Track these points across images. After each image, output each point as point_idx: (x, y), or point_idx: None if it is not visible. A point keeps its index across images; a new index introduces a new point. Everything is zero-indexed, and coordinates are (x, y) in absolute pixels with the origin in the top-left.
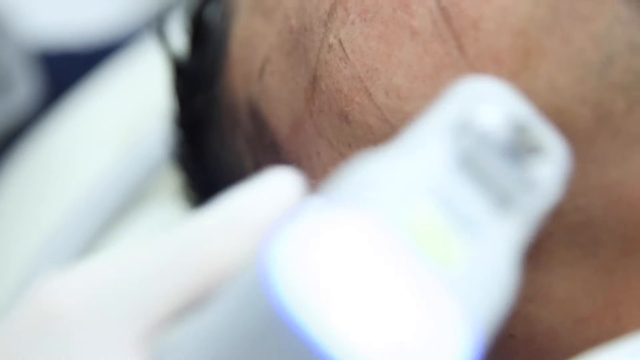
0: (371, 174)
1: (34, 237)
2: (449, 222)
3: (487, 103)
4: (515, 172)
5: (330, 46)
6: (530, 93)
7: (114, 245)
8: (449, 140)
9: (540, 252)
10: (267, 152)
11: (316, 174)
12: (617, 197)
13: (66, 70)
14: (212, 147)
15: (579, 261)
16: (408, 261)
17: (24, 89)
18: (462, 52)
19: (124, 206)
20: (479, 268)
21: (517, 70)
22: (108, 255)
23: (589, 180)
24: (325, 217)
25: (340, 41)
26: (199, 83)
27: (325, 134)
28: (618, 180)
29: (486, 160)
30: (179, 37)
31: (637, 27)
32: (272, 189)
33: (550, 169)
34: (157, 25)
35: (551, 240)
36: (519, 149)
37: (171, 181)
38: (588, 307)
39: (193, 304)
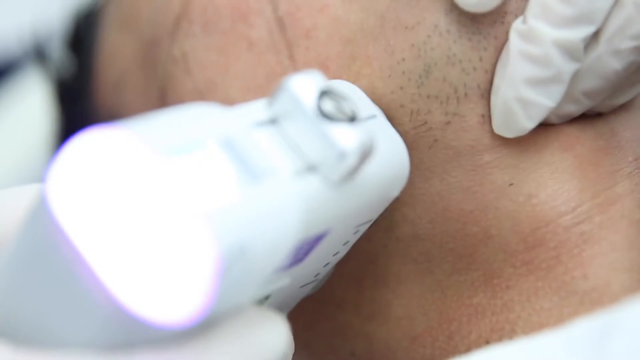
0: (176, 117)
1: None
2: (232, 165)
3: (303, 75)
4: (319, 136)
5: (174, 59)
6: None
7: None
8: (266, 103)
9: (377, 266)
10: None
11: None
12: (443, 210)
13: None
14: None
15: (415, 278)
16: (164, 184)
17: None
18: (292, 60)
19: None
20: (251, 210)
21: (339, 74)
22: None
23: (414, 191)
24: (101, 139)
25: (183, 53)
26: (70, 98)
27: None
28: (441, 193)
29: (294, 123)
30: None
31: (454, 37)
32: None
33: (353, 136)
34: (34, 42)
35: (385, 253)
36: (327, 115)
37: None
38: (423, 325)
39: None
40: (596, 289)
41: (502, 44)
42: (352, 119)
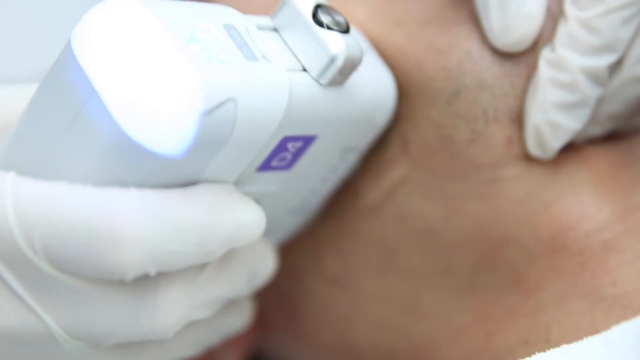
0: (191, 4)
1: None
2: (231, 41)
3: None
4: (313, 40)
5: None
6: None
7: None
8: (270, 17)
9: (398, 259)
10: None
11: None
12: (457, 210)
13: None
14: None
15: (439, 272)
16: (167, 38)
17: None
18: None
19: None
20: (242, 72)
21: None
22: None
23: (428, 191)
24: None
25: None
26: None
27: None
28: (457, 197)
29: (292, 31)
30: None
31: (486, 64)
32: None
33: (344, 42)
34: None
35: (402, 245)
36: (322, 24)
37: None
38: (458, 322)
39: None
40: (626, 295)
41: (533, 70)
42: (345, 31)
